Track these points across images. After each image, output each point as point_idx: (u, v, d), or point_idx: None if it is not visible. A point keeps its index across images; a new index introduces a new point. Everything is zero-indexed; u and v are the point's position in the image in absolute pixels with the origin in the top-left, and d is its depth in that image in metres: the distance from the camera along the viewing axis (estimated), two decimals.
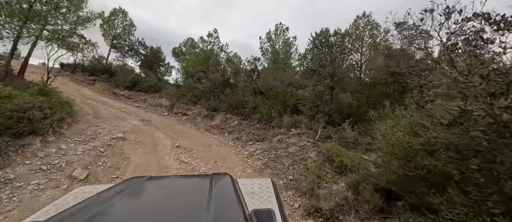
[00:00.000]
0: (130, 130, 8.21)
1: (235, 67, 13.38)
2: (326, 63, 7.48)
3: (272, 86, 10.58)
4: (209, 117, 11.87)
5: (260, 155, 6.92)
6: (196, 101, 13.70)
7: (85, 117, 8.35)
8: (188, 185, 1.62)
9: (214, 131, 10.39)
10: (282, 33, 16.94)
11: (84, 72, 18.44)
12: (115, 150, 6.32)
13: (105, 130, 7.42)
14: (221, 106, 12.03)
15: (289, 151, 6.52)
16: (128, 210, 1.13)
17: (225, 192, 1.29)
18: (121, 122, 9.15)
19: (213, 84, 12.37)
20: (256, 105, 11.12)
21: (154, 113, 13.46)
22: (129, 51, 21.04)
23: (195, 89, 13.21)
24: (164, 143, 7.73)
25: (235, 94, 11.57)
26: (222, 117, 11.70)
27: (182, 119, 12.53)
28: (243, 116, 11.16)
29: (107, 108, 11.37)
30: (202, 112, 12.49)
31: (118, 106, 13.08)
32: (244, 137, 9.25)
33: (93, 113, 9.46)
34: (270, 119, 9.69)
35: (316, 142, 6.55)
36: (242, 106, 11.42)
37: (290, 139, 7.33)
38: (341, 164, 4.78)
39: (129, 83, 16.75)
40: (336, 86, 7.41)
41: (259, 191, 1.51)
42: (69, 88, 14.24)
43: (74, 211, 1.04)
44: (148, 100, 15.28)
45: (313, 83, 8.09)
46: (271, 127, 9.35)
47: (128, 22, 21.64)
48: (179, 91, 14.91)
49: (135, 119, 10.57)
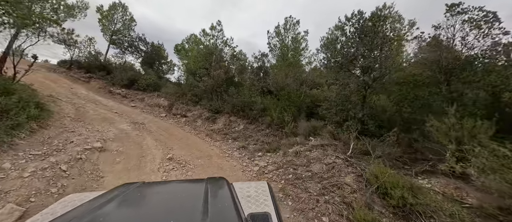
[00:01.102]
0: (114, 137, 6.65)
1: (240, 63, 11.76)
2: (362, 54, 5.72)
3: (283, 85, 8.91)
4: (210, 119, 10.27)
5: (273, 172, 5.26)
6: (197, 101, 12.12)
7: (61, 120, 6.84)
8: (182, 190, 1.53)
9: (216, 137, 8.79)
10: (292, 27, 15.18)
11: (81, 69, 17.10)
12: (86, 166, 4.76)
13: (80, 138, 5.88)
14: (225, 108, 10.42)
15: (312, 170, 4.84)
16: (120, 218, 1.06)
17: (221, 196, 1.24)
18: (107, 126, 7.62)
19: (215, 83, 10.77)
20: (265, 107, 9.47)
21: (151, 113, 11.95)
22: (129, 47, 19.60)
23: (196, 88, 11.62)
24: (154, 153, 6.16)
25: (241, 94, 9.94)
26: (226, 119, 10.09)
27: (181, 121, 10.97)
28: (250, 119, 9.52)
29: (96, 109, 9.89)
30: (203, 113, 10.90)
31: (111, 107, 11.62)
32: (251, 146, 7.60)
33: (75, 114, 7.96)
34: (282, 124, 8.02)
35: (349, 158, 4.86)
36: (248, 108, 9.78)
37: (312, 152, 5.65)
38: (403, 203, 3.09)
39: (126, 81, 15.32)
40: (373, 85, 5.67)
41: (255, 195, 1.46)
42: (60, 86, 12.84)
43: (63, 220, 0.99)
44: (145, 100, 13.79)
45: (341, 81, 6.34)
46: (284, 133, 7.67)
47: (128, 17, 20.25)
48: (180, 90, 13.36)
49: (126, 121, 9.05)
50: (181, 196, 1.37)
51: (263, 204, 1.38)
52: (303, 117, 8.45)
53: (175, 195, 1.38)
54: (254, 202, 1.40)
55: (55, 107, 7.72)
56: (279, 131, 8.09)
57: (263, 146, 7.32)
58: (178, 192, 1.48)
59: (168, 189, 1.55)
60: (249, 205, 1.36)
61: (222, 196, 1.25)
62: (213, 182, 1.45)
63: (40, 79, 12.75)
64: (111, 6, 19.51)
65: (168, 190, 1.53)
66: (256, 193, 1.50)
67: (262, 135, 8.36)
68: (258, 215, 1.20)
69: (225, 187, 1.37)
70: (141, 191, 1.38)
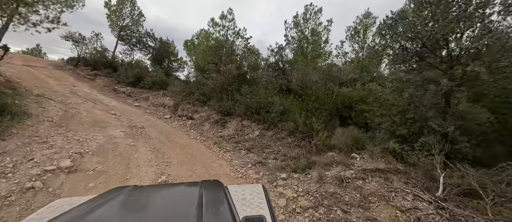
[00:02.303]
0: (96, 149, 5.14)
1: (255, 58, 9.94)
2: None
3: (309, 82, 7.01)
4: (220, 123, 8.59)
5: (309, 212, 3.43)
6: (205, 101, 10.50)
7: (37, 125, 5.44)
8: (176, 193, 1.49)
9: (226, 146, 7.09)
10: (312, 16, 13.09)
11: (87, 67, 16.15)
12: (38, 199, 3.23)
13: (48, 152, 4.40)
14: (236, 110, 8.69)
15: (377, 218, 2.95)
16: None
17: (215, 200, 1.22)
18: (94, 133, 6.17)
19: (226, 80, 9.07)
20: (285, 109, 7.62)
21: (154, 115, 10.52)
22: (137, 43, 18.45)
23: (204, 86, 10.00)
24: (143, 174, 4.55)
25: (255, 94, 8.16)
26: (237, 123, 8.37)
27: (186, 124, 9.41)
28: (266, 123, 7.72)
29: (91, 110, 8.55)
30: (212, 115, 9.26)
31: (112, 107, 10.32)
32: (271, 160, 5.80)
33: (60, 118, 6.58)
34: (309, 132, 6.15)
35: (441, 201, 2.90)
36: (264, 110, 7.98)
37: (366, 181, 3.75)
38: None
39: (132, 78, 14.10)
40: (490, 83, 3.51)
41: (250, 198, 1.42)
42: (61, 84, 11.77)
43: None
44: (150, 99, 12.43)
45: (415, 79, 4.19)
46: (314, 145, 5.79)
47: (136, 12, 19.12)
48: (187, 88, 11.82)
49: (123, 125, 7.60)
50: (174, 200, 1.33)
51: (258, 207, 1.31)
52: (336, 123, 6.51)
53: (169, 199, 1.34)
54: (249, 205, 1.33)
55: (37, 109, 6.38)
56: (306, 141, 6.22)
57: (287, 161, 5.49)
58: (171, 195, 1.43)
59: (161, 193, 1.47)
60: (244, 208, 1.29)
61: (216, 199, 1.22)
62: (208, 185, 1.42)
63: (41, 77, 11.77)
64: (119, 0, 18.45)
65: (161, 194, 1.46)
66: (251, 196, 1.43)
67: (284, 145, 6.53)
68: (253, 218, 1.13)
69: (220, 190, 1.35)
70: (133, 195, 1.31)
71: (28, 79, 10.34)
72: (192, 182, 1.98)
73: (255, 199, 1.41)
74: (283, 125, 7.42)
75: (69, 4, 10.25)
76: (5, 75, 9.23)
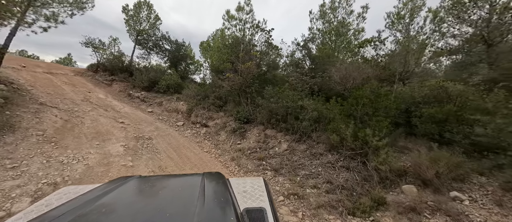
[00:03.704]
0: (81, 174, 3.89)
1: (277, 53, 8.23)
2: None
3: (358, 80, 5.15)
4: (238, 132, 7.06)
5: None
6: (221, 105, 9.10)
7: (22, 141, 4.40)
8: (179, 184, 1.48)
9: (246, 163, 5.52)
10: (342, 3, 11.04)
11: (105, 72, 15.85)
12: None
13: (10, 184, 3.20)
14: (258, 116, 7.10)
15: None
16: (116, 211, 0.99)
17: (217, 191, 1.20)
18: (90, 149, 5.02)
19: (244, 80, 7.54)
20: (321, 115, 5.84)
21: (166, 121, 9.40)
22: (153, 47, 17.90)
23: (219, 88, 8.59)
24: None
25: (281, 96, 6.49)
26: (259, 133, 6.77)
27: (200, 133, 8.05)
28: (297, 134, 6.01)
29: (98, 119, 7.60)
30: (229, 123, 7.78)
31: (123, 113, 9.42)
32: (311, 190, 4.08)
33: (56, 130, 5.58)
34: (363, 147, 4.31)
35: None
36: (293, 117, 6.28)
37: None
38: None
39: (147, 82, 13.30)
40: None
41: (251, 190, 1.43)
42: (76, 90, 11.26)
43: (58, 212, 0.93)
44: (163, 104, 11.42)
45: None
46: (374, 170, 3.94)
47: (153, 15, 18.67)
48: (201, 91, 10.57)
49: (126, 137, 6.46)
50: (177, 190, 1.33)
51: (259, 199, 1.31)
52: (398, 134, 4.58)
53: (172, 189, 1.33)
54: (249, 197, 1.33)
55: (31, 121, 5.43)
56: (357, 161, 4.38)
57: (335, 193, 3.73)
58: (174, 186, 1.42)
59: (165, 183, 1.47)
60: (245, 200, 1.29)
61: (218, 190, 1.21)
62: (210, 177, 1.41)
63: (57, 84, 11.38)
64: (136, 4, 18.10)
65: (164, 184, 1.44)
66: (252, 189, 1.44)
67: (324, 165, 4.76)
68: (254, 210, 1.15)
69: (221, 182, 1.34)
70: (138, 184, 1.33)
71: (42, 86, 9.88)
72: (195, 173, 1.91)
73: (256, 191, 1.39)
74: (319, 136, 5.64)
75: (79, 6, 9.62)
76: (18, 83, 8.81)
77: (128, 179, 1.38)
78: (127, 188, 1.23)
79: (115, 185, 1.23)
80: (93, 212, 0.91)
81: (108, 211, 0.94)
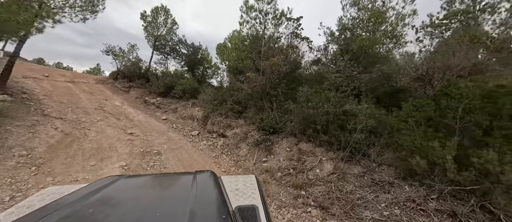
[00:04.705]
0: None
1: (307, 47, 6.59)
2: None
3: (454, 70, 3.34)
4: (263, 145, 5.56)
5: None
6: (240, 111, 7.73)
7: None
8: (170, 183, 1.42)
9: (278, 191, 4.00)
10: None
11: (124, 79, 15.62)
12: None
13: None
14: (287, 125, 5.54)
15: None
16: (104, 211, 0.92)
17: (209, 189, 1.18)
18: (80, 174, 3.94)
19: (268, 81, 6.06)
20: (379, 125, 4.10)
21: (181, 130, 8.30)
22: (171, 52, 17.42)
23: (237, 91, 7.23)
24: None
25: (320, 99, 4.86)
26: (290, 147, 5.20)
27: (217, 145, 6.74)
28: (346, 150, 4.32)
29: (105, 130, 6.73)
30: (250, 132, 6.34)
31: (135, 122, 8.59)
32: None
33: (49, 147, 4.67)
34: (477, 180, 2.53)
35: None
36: (336, 127, 4.61)
37: None
38: None
39: (163, 88, 12.59)
40: None
41: (243, 188, 1.39)
42: (92, 98, 10.83)
43: (41, 213, 0.86)
44: (178, 111, 10.45)
45: None
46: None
47: (170, 19, 18.31)
48: (218, 95, 9.36)
49: (131, 153, 5.38)
50: (168, 189, 1.28)
51: (251, 197, 1.28)
52: None
53: (162, 188, 1.30)
54: (241, 195, 1.30)
55: (21, 137, 4.58)
56: (468, 203, 2.61)
57: None
58: (165, 184, 1.37)
59: (155, 182, 1.43)
60: (237, 198, 1.27)
61: (210, 189, 1.19)
62: (201, 175, 1.38)
63: (75, 93, 11.08)
64: (153, 9, 17.87)
65: (154, 183, 1.41)
66: (244, 187, 1.40)
67: (403, 205, 3.03)
68: (246, 207, 1.13)
69: (213, 180, 1.31)
70: (127, 184, 1.28)
71: (58, 95, 9.52)
72: (186, 172, 1.70)
73: (248, 189, 1.37)
74: (380, 155, 3.91)
75: (92, 9, 9.10)
76: (31, 92, 8.48)
77: (117, 178, 1.30)
78: (116, 188, 1.17)
79: (102, 185, 1.17)
80: (79, 212, 0.86)
81: (96, 211, 0.89)
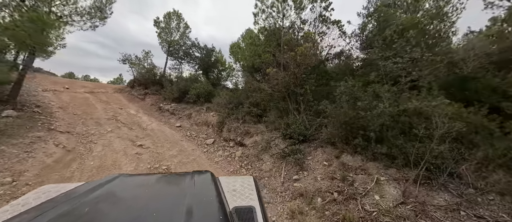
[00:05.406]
0: None
1: (340, 32, 5.24)
2: None
3: None
4: (292, 158, 4.36)
5: None
6: (259, 114, 6.62)
7: None
8: (167, 183, 1.44)
9: None
10: None
11: (140, 86, 15.49)
12: None
13: None
14: (322, 131, 4.29)
15: None
16: (100, 210, 0.92)
17: (206, 190, 1.17)
18: None
19: (293, 76, 4.87)
20: (468, 128, 2.70)
21: (195, 139, 7.46)
22: (184, 56, 17.01)
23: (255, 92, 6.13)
24: None
25: (369, 97, 3.56)
26: (329, 160, 3.95)
27: (235, 156, 5.70)
28: (419, 167, 2.97)
29: (112, 143, 6.10)
30: (274, 140, 5.19)
31: (149, 130, 8.01)
32: None
33: (44, 167, 4.04)
34: None
35: None
36: (397, 132, 3.26)
37: None
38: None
39: (177, 93, 12.02)
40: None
41: (241, 189, 1.37)
42: (107, 107, 10.57)
43: (36, 212, 0.83)
44: (193, 116, 9.69)
45: None
46: None
47: (182, 23, 18.01)
48: (234, 98, 8.38)
49: (136, 169, 4.57)
50: (165, 189, 1.31)
51: (248, 198, 1.26)
52: None
53: (159, 188, 1.29)
54: (239, 196, 1.28)
55: (15, 157, 4.00)
56: None
57: None
58: (162, 184, 1.39)
59: (152, 182, 1.42)
60: (234, 199, 1.24)
61: (207, 189, 1.17)
62: (199, 176, 1.37)
63: (92, 103, 10.94)
64: (166, 15, 17.68)
65: (152, 182, 1.41)
66: (242, 187, 1.38)
67: None
68: (243, 208, 1.10)
69: (211, 180, 1.30)
70: (124, 183, 1.27)
71: (74, 107, 9.31)
72: (184, 172, 1.78)
73: (246, 190, 1.36)
74: (482, 176, 2.51)
75: (100, 16, 8.75)
76: (45, 105, 8.31)
77: (113, 177, 1.28)
78: (112, 187, 1.15)
79: (99, 184, 1.16)
80: (75, 211, 0.84)
81: (92, 210, 0.88)
